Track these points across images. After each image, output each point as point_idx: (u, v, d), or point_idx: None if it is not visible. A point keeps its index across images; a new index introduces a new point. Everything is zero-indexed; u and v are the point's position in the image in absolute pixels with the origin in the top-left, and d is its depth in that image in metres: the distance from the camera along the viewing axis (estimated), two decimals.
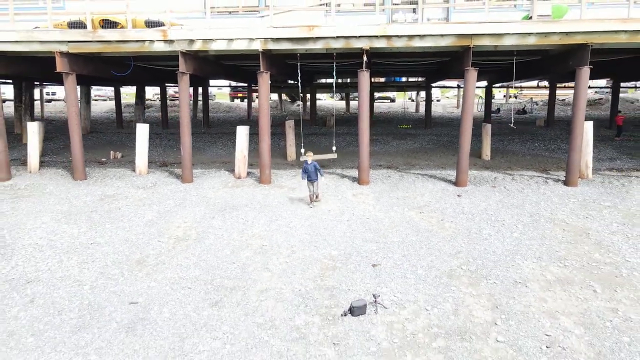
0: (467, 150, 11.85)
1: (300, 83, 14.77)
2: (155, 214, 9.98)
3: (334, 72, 14.46)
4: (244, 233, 8.84)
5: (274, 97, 39.18)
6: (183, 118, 12.39)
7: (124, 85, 28.58)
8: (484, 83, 25.35)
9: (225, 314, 6.06)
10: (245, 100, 38.94)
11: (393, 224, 9.22)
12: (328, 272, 7.21)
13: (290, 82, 25.79)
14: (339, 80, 29.38)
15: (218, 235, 8.73)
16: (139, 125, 13.42)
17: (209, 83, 27.87)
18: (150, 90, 41.09)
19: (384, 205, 10.46)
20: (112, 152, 16.50)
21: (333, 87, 20.40)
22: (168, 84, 26.34)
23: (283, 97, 40.30)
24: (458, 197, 11.06)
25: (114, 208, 10.46)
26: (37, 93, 27.12)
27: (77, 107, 12.57)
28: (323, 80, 28.12)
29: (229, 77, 19.93)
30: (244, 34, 11.59)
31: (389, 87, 32.90)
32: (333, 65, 13.84)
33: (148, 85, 29.16)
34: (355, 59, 12.38)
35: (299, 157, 13.16)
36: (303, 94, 31.34)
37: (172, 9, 11.89)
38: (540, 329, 5.64)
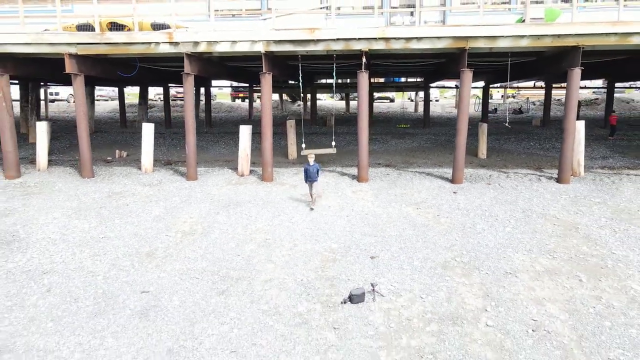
0: (463, 149, 12.24)
1: (301, 83, 15.15)
2: (162, 210, 10.36)
3: (334, 72, 14.82)
4: (248, 228, 9.22)
5: (275, 97, 39.53)
6: (188, 118, 12.78)
7: (128, 86, 28.92)
8: (482, 83, 25.74)
9: (232, 302, 6.44)
10: (246, 100, 39.28)
11: (391, 219, 9.60)
12: (328, 263, 7.59)
13: (291, 82, 26.15)
14: (339, 81, 29.74)
15: (223, 230, 9.11)
16: (145, 125, 13.81)
17: (211, 83, 28.25)
18: (152, 91, 41.43)
19: (382, 202, 10.84)
20: (117, 151, 16.89)
21: (333, 87, 20.77)
22: (171, 84, 26.71)
23: (284, 97, 40.67)
24: (454, 193, 11.44)
25: (122, 204, 10.84)
26: (41, 93, 27.43)
27: (85, 107, 12.95)
28: (323, 81, 28.47)
29: (231, 77, 20.33)
30: (247, 37, 11.98)
31: (388, 87, 33.27)
32: (333, 66, 14.21)
33: (151, 86, 29.55)
34: (355, 60, 12.76)
35: (300, 155, 13.53)
36: (304, 94, 31.69)
37: (177, 12, 12.27)
38: (528, 315, 6.02)
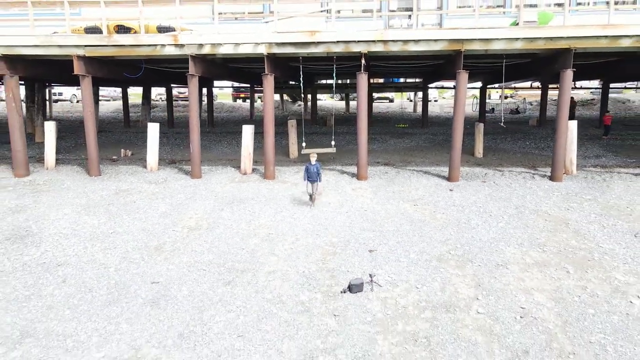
0: (459, 148, 12.62)
1: (302, 84, 15.53)
2: (169, 207, 10.74)
3: (334, 73, 15.18)
4: (251, 223, 9.61)
5: (276, 97, 39.89)
6: (192, 117, 13.16)
7: (131, 86, 29.29)
8: (479, 84, 26.12)
9: (238, 291, 6.83)
10: (248, 101, 39.65)
11: (389, 215, 9.99)
12: (329, 256, 7.97)
13: (292, 83, 26.51)
14: (339, 81, 30.08)
15: (227, 225, 9.49)
16: (150, 125, 14.19)
17: (213, 84, 28.64)
18: (154, 91, 41.77)
19: (381, 199, 11.23)
20: (122, 150, 17.27)
21: (333, 88, 21.12)
22: (173, 85, 27.08)
23: (284, 97, 41.05)
24: (450, 191, 11.83)
25: (129, 201, 11.22)
26: (45, 94, 27.75)
27: (92, 107, 13.33)
28: (323, 81, 28.82)
29: (234, 78, 20.72)
30: (250, 39, 12.36)
31: (388, 87, 33.64)
32: (333, 68, 14.57)
33: (154, 86, 29.93)
34: (355, 62, 13.13)
35: (301, 153, 13.89)
36: (304, 95, 32.05)
37: (182, 15, 12.65)
38: (517, 303, 6.41)
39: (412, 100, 42.07)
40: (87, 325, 6.00)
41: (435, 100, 45.62)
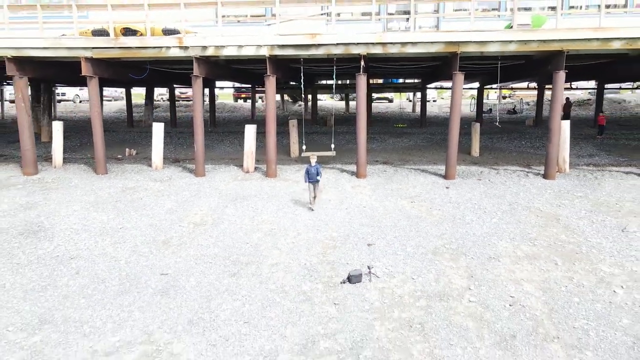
0: (455, 147, 13.00)
1: (303, 85, 15.91)
2: (174, 204, 11.12)
3: (334, 74, 15.56)
4: (255, 219, 9.98)
5: (277, 97, 40.25)
6: (197, 117, 13.54)
7: (134, 87, 29.69)
8: (477, 84, 26.52)
9: (243, 282, 7.21)
10: (248, 101, 40.03)
11: (387, 211, 10.37)
12: (329, 250, 8.36)
13: (293, 83, 26.89)
14: (339, 82, 30.48)
15: (231, 221, 9.87)
16: (155, 124, 14.57)
17: (215, 85, 29.03)
18: (155, 91, 42.15)
19: (379, 196, 11.61)
20: (127, 149, 17.66)
21: (333, 88, 21.50)
22: (176, 85, 27.46)
23: (285, 97, 41.45)
24: (446, 188, 12.21)
25: (136, 198, 11.60)
26: None
27: (99, 107, 13.71)
28: (324, 82, 29.21)
29: (236, 79, 21.12)
30: (253, 41, 12.74)
31: (387, 88, 34.03)
32: (333, 69, 14.95)
33: (157, 87, 30.31)
34: (354, 63, 13.51)
35: (302, 153, 14.27)
36: (304, 95, 32.44)
37: (187, 18, 13.04)
38: (506, 292, 6.79)
39: (411, 101, 42.48)
40: (101, 313, 6.37)
41: (434, 101, 46.00)
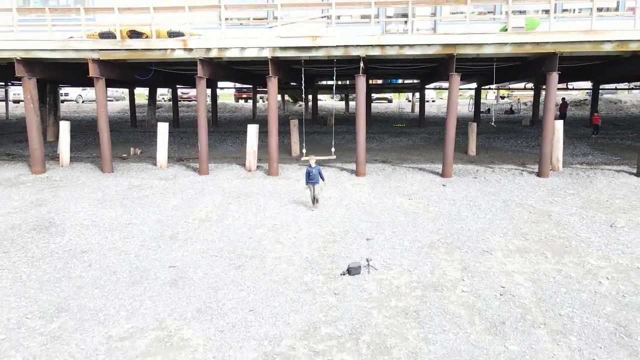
0: (451, 146, 13.38)
1: (303, 85, 16.28)
2: (180, 201, 11.50)
3: (334, 75, 15.94)
4: (258, 215, 10.36)
5: (278, 97, 40.59)
6: (200, 117, 13.92)
7: (138, 87, 30.06)
8: (474, 85, 26.90)
9: (248, 274, 7.58)
10: (249, 101, 40.42)
11: (385, 208, 10.75)
12: (330, 244, 8.73)
13: (294, 84, 27.27)
14: (339, 83, 30.85)
15: (235, 217, 10.24)
16: (160, 124, 14.96)
17: (217, 85, 29.40)
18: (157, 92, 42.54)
19: (378, 193, 11.99)
20: (132, 148, 18.04)
21: (333, 89, 21.86)
22: (178, 86, 27.83)
23: (286, 98, 41.82)
24: (443, 186, 12.59)
25: (142, 196, 11.97)
26: None
27: (106, 107, 14.09)
28: (324, 82, 29.59)
29: (238, 80, 21.52)
30: (255, 43, 13.12)
31: (386, 88, 34.43)
32: (333, 70, 15.33)
33: (160, 87, 30.70)
34: (354, 64, 13.89)
35: (302, 158, 14.66)
36: (305, 95, 32.82)
37: (191, 21, 13.43)
38: (498, 283, 7.16)
39: (410, 101, 42.86)
40: (115, 302, 6.74)
41: (433, 101, 46.36)
